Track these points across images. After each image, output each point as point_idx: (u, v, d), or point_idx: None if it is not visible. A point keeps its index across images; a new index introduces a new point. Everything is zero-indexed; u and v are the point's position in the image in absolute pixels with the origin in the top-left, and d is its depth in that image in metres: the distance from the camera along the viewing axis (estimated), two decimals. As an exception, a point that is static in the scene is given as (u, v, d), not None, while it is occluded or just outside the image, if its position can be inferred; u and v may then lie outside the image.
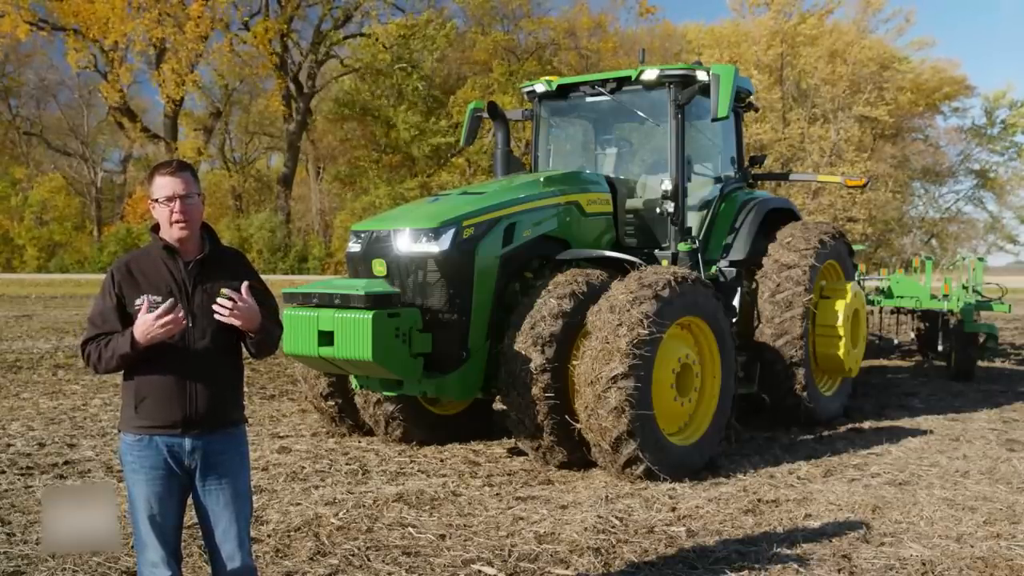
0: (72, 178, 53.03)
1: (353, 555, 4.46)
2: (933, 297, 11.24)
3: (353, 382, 6.63)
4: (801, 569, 4.33)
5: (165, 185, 3.01)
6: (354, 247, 6.52)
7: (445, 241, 6.07)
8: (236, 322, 2.96)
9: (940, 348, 11.21)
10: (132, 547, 3.60)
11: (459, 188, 7.97)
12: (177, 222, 3.00)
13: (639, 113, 7.90)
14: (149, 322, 2.87)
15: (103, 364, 2.98)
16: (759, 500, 5.49)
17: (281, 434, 7.46)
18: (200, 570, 4.12)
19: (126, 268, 3.05)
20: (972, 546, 4.67)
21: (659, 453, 5.81)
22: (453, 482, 5.87)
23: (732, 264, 7.80)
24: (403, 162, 45.76)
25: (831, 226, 8.44)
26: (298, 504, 5.32)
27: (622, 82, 7.77)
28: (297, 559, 4.41)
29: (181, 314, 2.91)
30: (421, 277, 6.13)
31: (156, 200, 3.02)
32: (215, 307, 2.95)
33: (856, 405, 8.78)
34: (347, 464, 6.35)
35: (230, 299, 2.94)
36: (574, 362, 5.92)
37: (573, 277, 6.21)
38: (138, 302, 2.97)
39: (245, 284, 3.01)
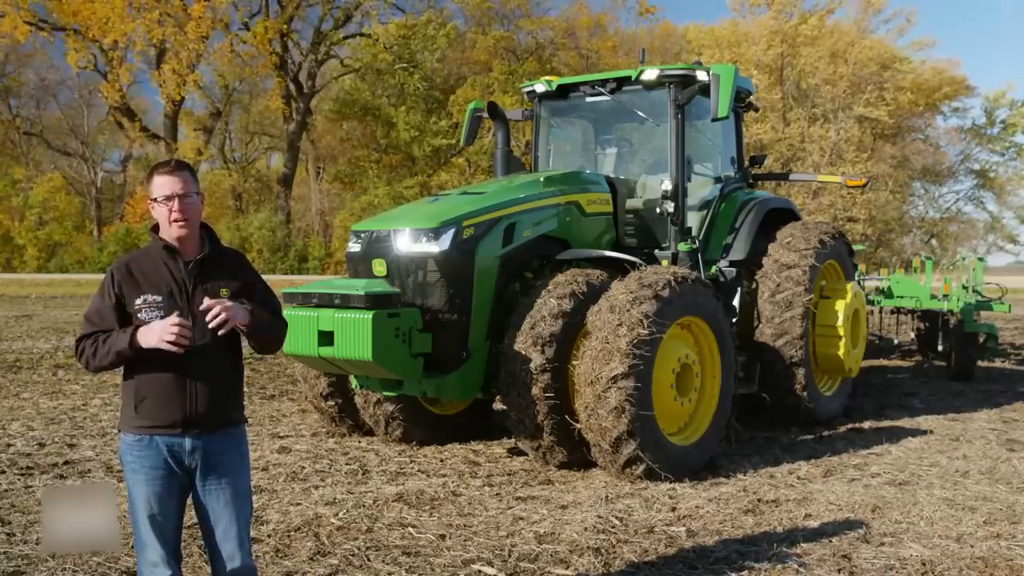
0: (72, 178, 53.05)
1: (353, 555, 4.46)
2: (933, 297, 11.24)
3: (353, 382, 6.63)
4: (801, 569, 4.33)
5: (164, 184, 3.01)
6: (354, 247, 6.52)
7: (445, 241, 6.07)
8: (232, 324, 2.95)
9: (940, 348, 11.21)
10: (132, 547, 3.60)
11: (459, 188, 7.97)
12: (176, 221, 3.00)
13: (639, 113, 7.90)
14: (157, 330, 2.87)
15: (97, 360, 2.98)
16: (759, 500, 5.49)
17: (281, 434, 7.46)
18: (200, 570, 4.12)
19: (126, 268, 3.05)
20: (972, 546, 4.67)
21: (659, 453, 5.81)
22: (453, 482, 5.87)
23: (732, 264, 7.80)
24: (403, 162, 45.78)
25: (831, 226, 8.44)
26: (298, 504, 5.32)
27: (622, 82, 7.77)
28: (297, 559, 4.41)
29: (188, 331, 2.89)
30: (421, 277, 6.12)
31: (155, 199, 3.02)
32: (211, 324, 2.93)
33: (856, 405, 8.78)
34: (347, 464, 6.35)
35: (210, 308, 2.93)
36: (574, 362, 5.92)
37: (573, 277, 6.20)
38: (139, 302, 2.97)
39: (206, 300, 2.96)
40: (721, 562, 4.41)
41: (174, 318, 2.89)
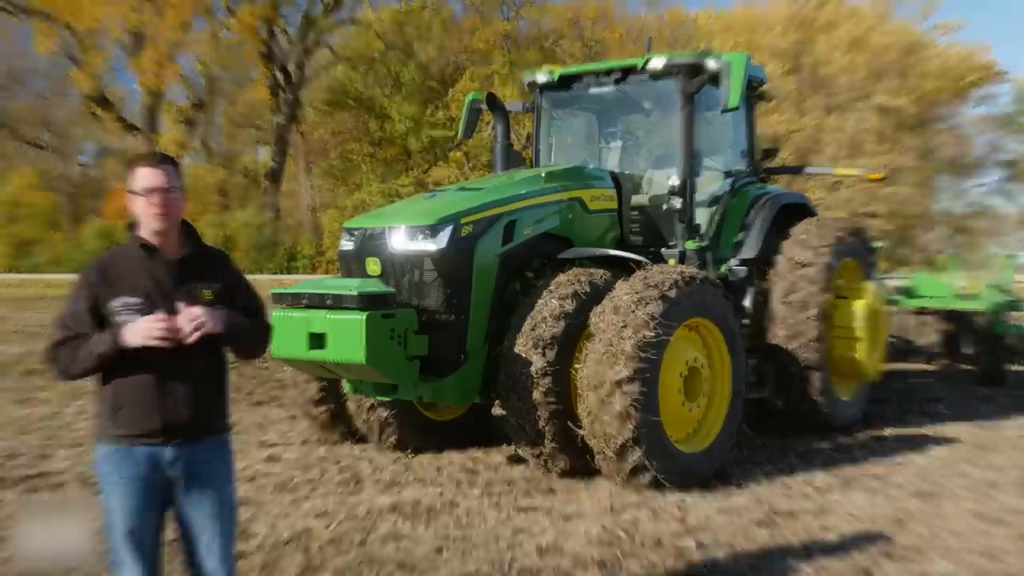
0: (44, 172, 52.90)
1: (345, 570, 4.47)
2: (959, 297, 11.23)
3: (345, 386, 6.65)
4: (818, 584, 4.34)
5: (145, 176, 3.01)
6: (347, 245, 6.53)
7: (442, 239, 6.09)
8: (205, 331, 2.95)
9: (967, 351, 11.19)
10: (109, 564, 3.60)
11: (457, 184, 7.98)
12: (156, 215, 3.00)
13: (645, 104, 7.93)
14: (143, 326, 2.88)
15: (77, 366, 2.97)
16: (773, 511, 5.50)
17: (269, 442, 7.47)
18: (182, 586, 4.13)
19: (101, 268, 3.05)
20: (1003, 562, 4.67)
21: (666, 461, 5.82)
22: (450, 492, 5.88)
23: (743, 263, 7.80)
24: (398, 156, 45.76)
25: (849, 222, 8.45)
26: (287, 516, 5.33)
27: (628, 71, 7.78)
28: (286, 575, 4.42)
29: (175, 326, 2.92)
30: (417, 276, 6.14)
31: (135, 192, 3.03)
32: (187, 331, 2.94)
33: (876, 411, 8.78)
34: (339, 473, 6.36)
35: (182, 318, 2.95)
36: (577, 365, 5.93)
37: (576, 277, 6.22)
38: (116, 304, 2.96)
39: (181, 307, 2.99)
40: (733, 577, 4.43)
41: (162, 314, 2.90)
